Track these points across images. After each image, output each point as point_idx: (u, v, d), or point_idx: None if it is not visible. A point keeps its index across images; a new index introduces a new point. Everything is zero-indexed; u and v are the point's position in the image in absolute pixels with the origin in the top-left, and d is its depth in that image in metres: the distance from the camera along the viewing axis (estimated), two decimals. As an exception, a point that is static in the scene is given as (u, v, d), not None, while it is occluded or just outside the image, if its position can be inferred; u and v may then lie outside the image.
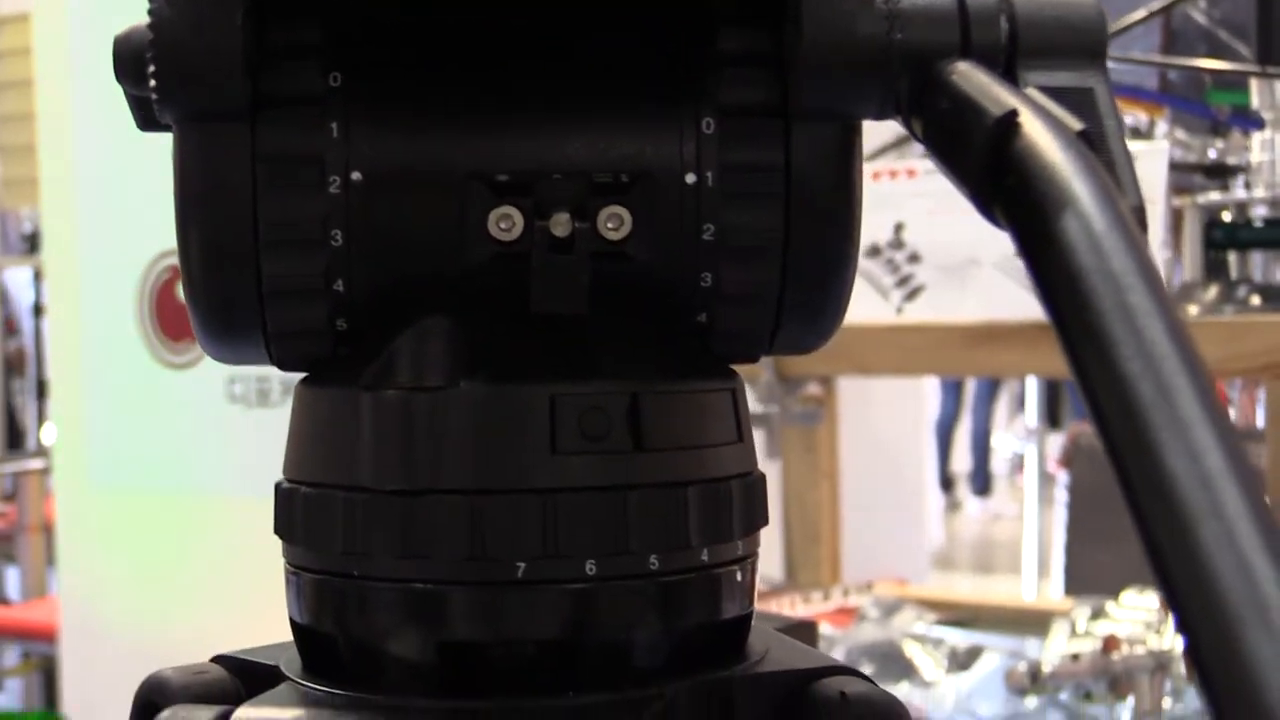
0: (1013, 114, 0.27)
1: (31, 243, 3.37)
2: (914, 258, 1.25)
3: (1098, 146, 0.28)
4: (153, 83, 0.31)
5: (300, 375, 0.35)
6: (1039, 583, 2.50)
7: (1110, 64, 0.34)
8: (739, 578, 0.33)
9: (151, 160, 1.86)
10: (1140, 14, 1.40)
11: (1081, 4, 0.33)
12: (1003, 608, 1.49)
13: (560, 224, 0.31)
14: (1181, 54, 2.11)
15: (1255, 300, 1.24)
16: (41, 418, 3.47)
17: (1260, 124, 1.81)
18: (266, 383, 2.15)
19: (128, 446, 2.03)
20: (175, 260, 0.32)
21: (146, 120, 0.36)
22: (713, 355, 0.34)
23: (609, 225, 0.31)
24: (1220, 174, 1.37)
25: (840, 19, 0.31)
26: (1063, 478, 2.32)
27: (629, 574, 0.31)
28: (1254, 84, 1.30)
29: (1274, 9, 1.25)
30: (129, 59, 0.34)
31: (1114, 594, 1.52)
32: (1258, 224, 1.29)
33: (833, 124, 0.32)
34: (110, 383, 2.04)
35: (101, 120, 1.88)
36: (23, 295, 3.49)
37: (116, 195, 1.89)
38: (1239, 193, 1.29)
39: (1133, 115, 1.87)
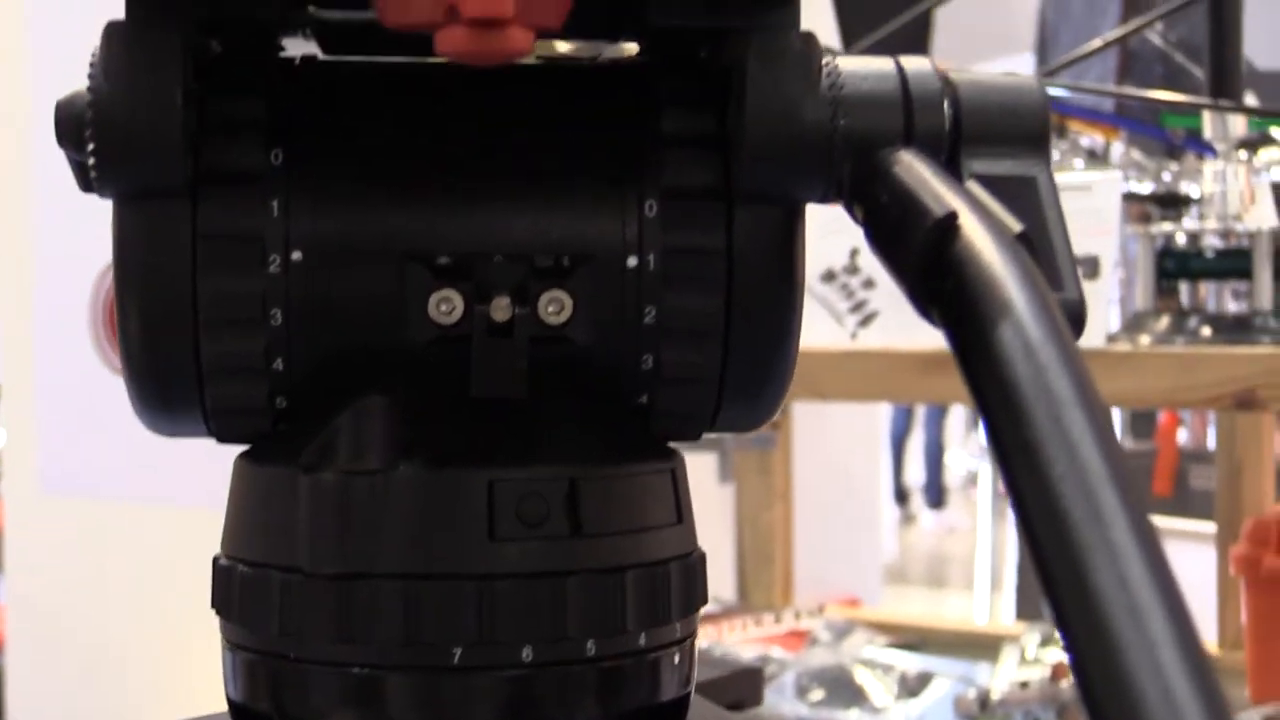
0: (952, 215, 0.27)
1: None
2: (869, 283, 1.25)
3: (1037, 248, 0.28)
4: (91, 160, 0.31)
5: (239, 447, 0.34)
6: (992, 597, 2.51)
7: (1066, 92, 0.34)
8: (676, 660, 0.33)
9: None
10: (1097, 43, 1.41)
11: (1025, 88, 0.33)
12: (953, 631, 1.50)
13: (500, 309, 0.31)
14: (1138, 75, 2.12)
15: (1206, 331, 1.24)
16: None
17: (1214, 150, 1.82)
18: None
19: (79, 453, 2.02)
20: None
21: (88, 184, 0.36)
22: (653, 435, 0.34)
23: (550, 310, 0.31)
24: (1173, 204, 1.38)
25: (784, 104, 0.31)
26: (1016, 497, 2.33)
27: (566, 660, 0.31)
28: (1206, 116, 1.31)
29: (1226, 43, 1.26)
30: (71, 124, 0.34)
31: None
32: (1209, 254, 1.30)
33: (775, 206, 0.32)
34: (62, 389, 2.03)
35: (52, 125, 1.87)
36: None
37: (70, 201, 1.87)
38: (1191, 223, 1.30)
39: (1089, 137, 1.88)
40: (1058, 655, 1.26)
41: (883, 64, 0.33)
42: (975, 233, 0.27)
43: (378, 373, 0.32)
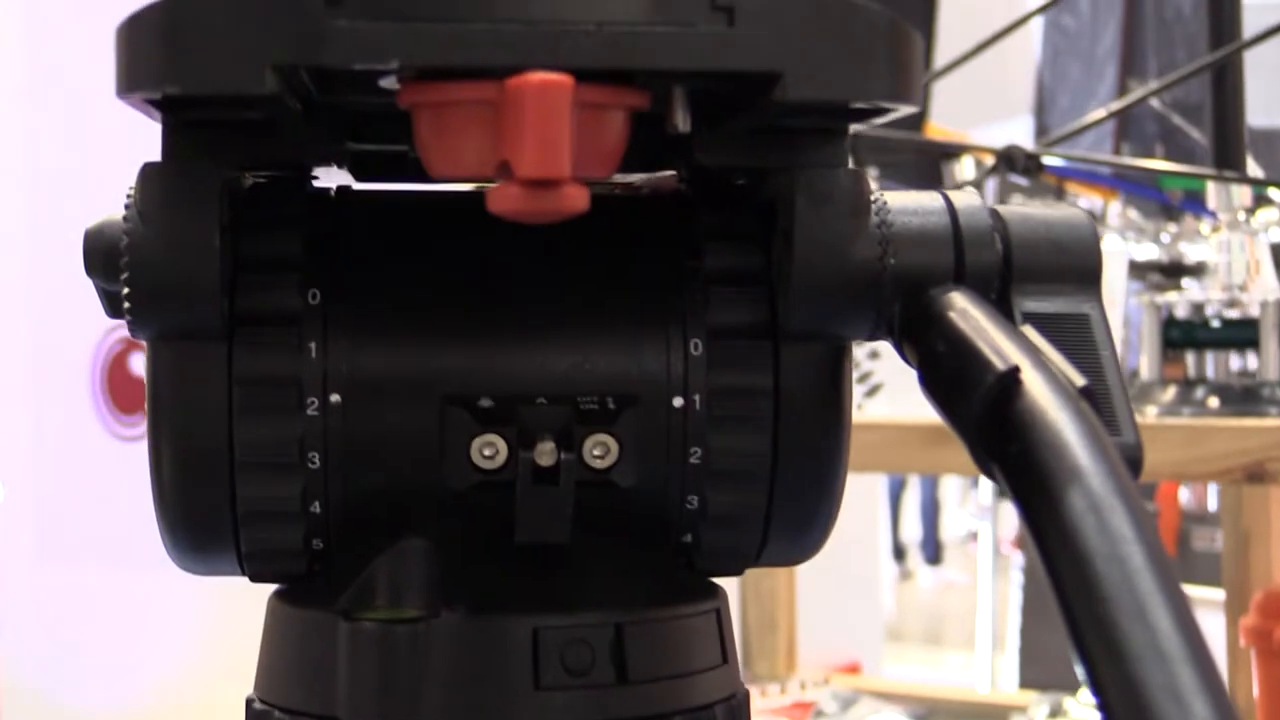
0: (1014, 371, 0.27)
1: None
2: (874, 354, 1.24)
3: (1100, 404, 0.28)
4: (127, 303, 0.30)
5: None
6: (993, 659, 2.49)
7: (1063, 162, 0.34)
8: None
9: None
10: (1101, 112, 1.41)
11: (1074, 222, 0.32)
12: (960, 701, 1.49)
13: (545, 454, 0.30)
14: (1134, 135, 2.12)
15: (1213, 402, 1.24)
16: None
17: (1212, 212, 1.82)
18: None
19: (77, 518, 2.01)
20: (128, 332, 0.31)
21: (115, 310, 0.35)
22: (696, 572, 0.33)
23: (595, 454, 0.31)
24: (1176, 272, 1.38)
25: (834, 241, 0.31)
26: (1017, 559, 2.32)
27: None
28: (1211, 186, 1.31)
29: (1229, 113, 1.26)
30: (100, 254, 0.34)
31: (1071, 686, 1.52)
32: (1214, 324, 1.30)
33: (822, 344, 0.32)
34: (59, 453, 2.01)
35: (55, 184, 1.87)
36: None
37: (69, 265, 1.87)
38: (1196, 292, 1.29)
39: (1087, 199, 1.88)
40: (1067, 728, 1.25)
41: (931, 199, 0.32)
42: (1038, 390, 0.26)
43: (416, 516, 0.31)
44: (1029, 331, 0.29)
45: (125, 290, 0.30)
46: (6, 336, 1.96)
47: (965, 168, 1.48)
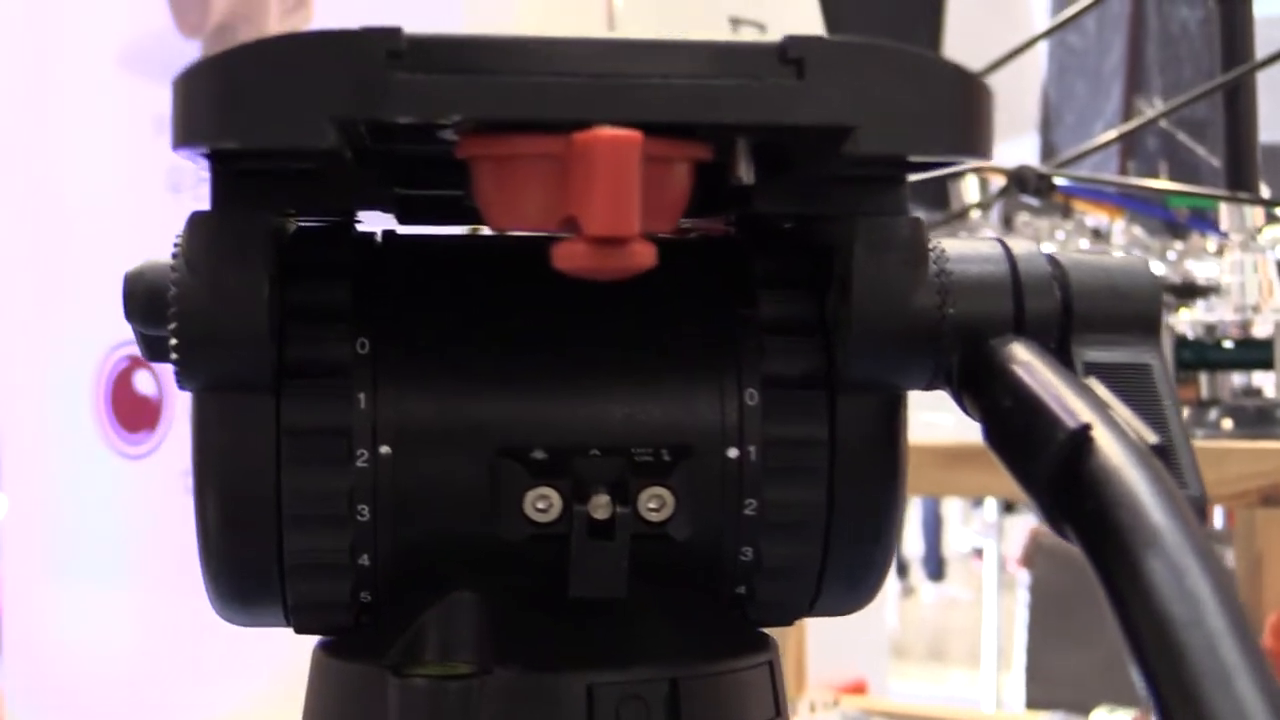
0: (1085, 429, 0.26)
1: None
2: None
3: (1171, 459, 0.27)
4: (175, 354, 0.30)
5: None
6: (999, 677, 2.48)
7: (1068, 181, 0.34)
8: None
9: (111, 247, 1.84)
10: (1113, 134, 1.41)
11: (1134, 269, 0.32)
12: (970, 722, 1.48)
13: (600, 507, 0.30)
14: (1140, 154, 2.12)
15: (1227, 423, 1.23)
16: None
17: (1220, 230, 1.81)
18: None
19: (80, 537, 2.00)
20: (132, 350, 0.31)
21: (153, 354, 0.35)
22: (749, 622, 0.33)
23: (650, 506, 0.30)
24: (1189, 294, 1.38)
25: (893, 291, 0.30)
26: (1023, 577, 2.31)
27: None
28: (1223, 206, 1.31)
29: (1242, 134, 1.26)
30: (140, 299, 0.33)
31: (1078, 702, 1.51)
32: (1228, 345, 1.29)
33: (879, 394, 0.31)
34: (63, 472, 2.01)
35: (60, 201, 1.86)
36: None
37: (74, 283, 1.87)
38: (1209, 313, 1.29)
39: (1094, 217, 1.87)
40: (1081, 751, 1.25)
41: (989, 247, 0.32)
42: (1111, 448, 0.26)
43: (466, 569, 0.31)
44: (1094, 384, 0.29)
45: (173, 341, 0.30)
46: (12, 353, 1.96)
47: (970, 188, 1.47)
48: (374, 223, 0.34)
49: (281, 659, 1.99)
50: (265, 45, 0.25)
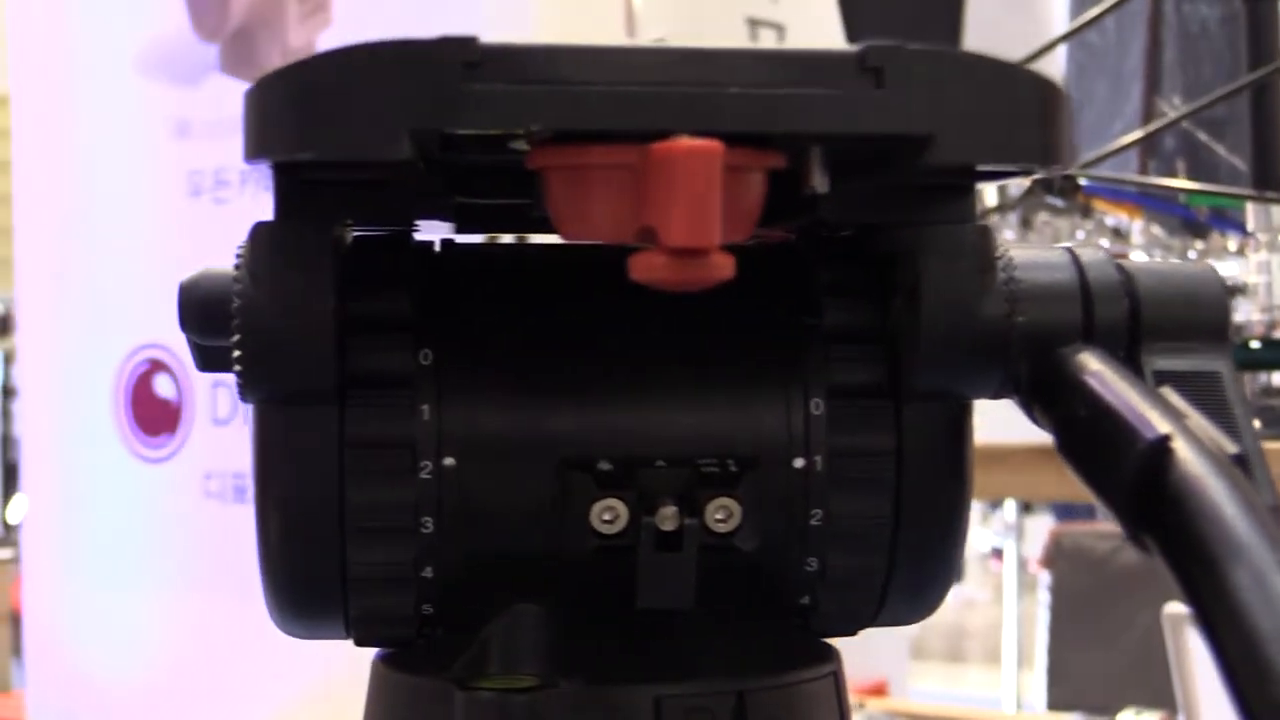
0: (1165, 439, 0.26)
1: (1, 325, 3.34)
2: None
3: (1250, 469, 0.27)
4: (238, 366, 0.29)
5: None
6: (1019, 676, 2.48)
7: (1088, 181, 0.33)
8: None
9: (131, 251, 1.84)
10: (1138, 134, 1.40)
11: (1202, 276, 0.32)
12: (997, 725, 1.48)
13: (668, 518, 0.29)
14: (1160, 153, 2.11)
15: (1255, 424, 1.23)
16: (7, 498, 3.43)
17: (1241, 228, 1.80)
18: (244, 480, 2.13)
19: (100, 540, 2.00)
20: (152, 354, 0.30)
21: (207, 364, 0.35)
22: (812, 633, 0.33)
23: (717, 517, 0.30)
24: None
25: (962, 299, 0.30)
26: (1044, 578, 2.30)
27: None
28: (1249, 206, 1.30)
29: (1270, 133, 1.25)
30: (195, 309, 0.33)
31: (1100, 702, 1.50)
32: (1254, 345, 1.29)
33: (944, 403, 0.31)
34: (83, 475, 2.01)
35: (80, 206, 1.87)
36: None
37: (94, 287, 1.87)
38: (1237, 314, 1.28)
39: (1113, 217, 1.87)
40: (1108, 754, 1.24)
41: (1057, 255, 0.31)
42: (1191, 459, 0.26)
43: (530, 581, 0.31)
44: (1168, 393, 0.29)
45: (237, 353, 0.29)
46: (33, 356, 1.96)
47: (989, 189, 1.47)
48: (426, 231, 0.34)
49: (305, 663, 1.99)
50: (340, 56, 0.25)
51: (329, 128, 0.25)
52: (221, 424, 2.17)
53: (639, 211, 0.25)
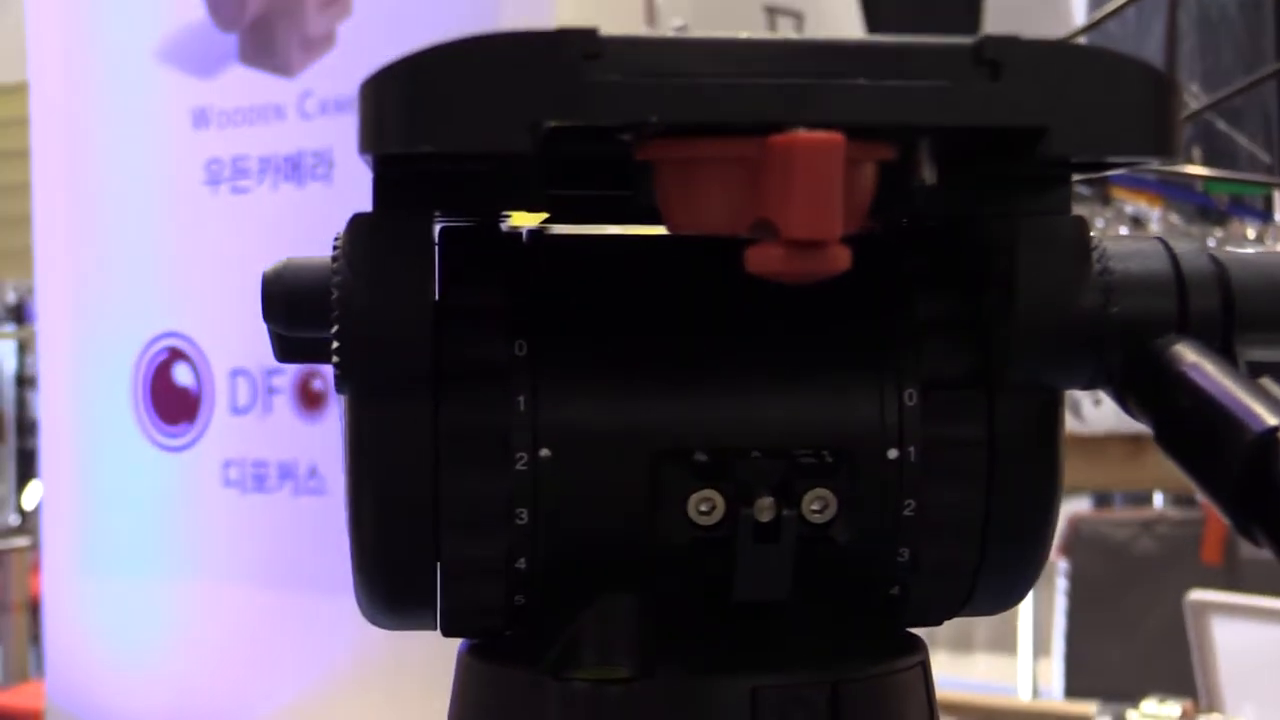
0: (1273, 432, 0.26)
1: (15, 314, 3.35)
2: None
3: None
4: (337, 356, 0.29)
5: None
6: (1035, 664, 2.48)
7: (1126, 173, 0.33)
8: None
9: (149, 240, 1.84)
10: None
11: None
12: (1019, 710, 1.48)
13: (765, 509, 0.29)
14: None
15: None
16: (21, 485, 3.44)
17: (1261, 215, 1.80)
18: (263, 469, 2.13)
19: (119, 529, 2.01)
20: (171, 342, 0.30)
21: (287, 354, 0.34)
22: (901, 625, 0.33)
23: (813, 508, 0.30)
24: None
25: (1057, 290, 0.30)
26: (1062, 566, 2.30)
27: None
28: (1277, 195, 1.30)
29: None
30: (279, 300, 0.33)
31: (1119, 691, 1.51)
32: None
33: (1038, 394, 0.31)
34: (102, 464, 2.02)
35: (97, 195, 1.87)
36: (5, 364, 3.47)
37: (113, 276, 1.87)
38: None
39: (1132, 204, 1.87)
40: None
41: (1151, 245, 0.31)
42: None
43: (623, 572, 0.31)
44: (1269, 384, 0.29)
45: (336, 344, 0.29)
46: (52, 345, 1.97)
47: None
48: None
49: (320, 646, 1.99)
50: (458, 48, 0.25)
51: (449, 121, 0.25)
52: (240, 413, 2.17)
53: (755, 203, 0.25)
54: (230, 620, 2.09)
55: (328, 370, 0.30)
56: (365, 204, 0.30)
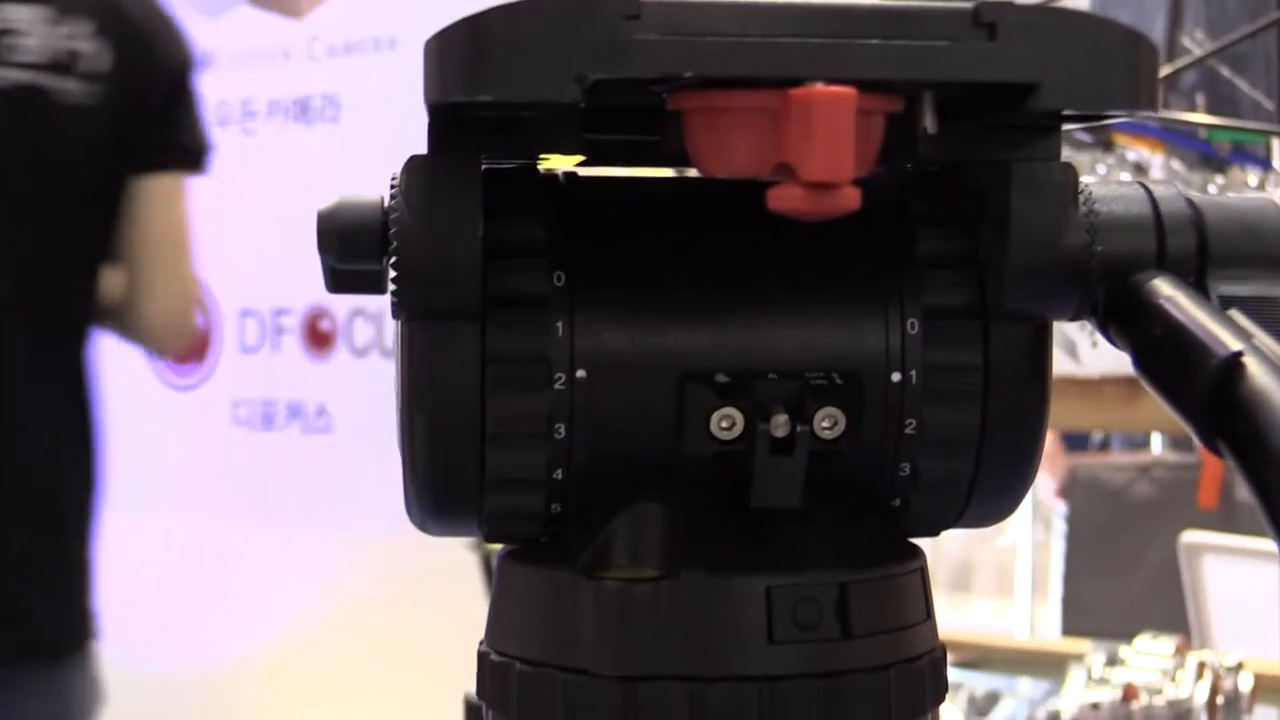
0: (1236, 356, 0.29)
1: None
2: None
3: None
4: (394, 285, 0.33)
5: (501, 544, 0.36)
6: (1033, 607, 2.52)
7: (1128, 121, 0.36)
8: None
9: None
10: (1168, 69, 1.42)
11: (1265, 209, 0.35)
12: (1016, 649, 1.51)
13: (780, 425, 0.33)
14: (1179, 87, 2.13)
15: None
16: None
17: (1262, 163, 1.82)
18: (272, 407, 2.16)
19: (130, 467, 2.04)
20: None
21: (339, 285, 0.37)
22: (901, 534, 0.36)
23: (824, 425, 0.33)
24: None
25: (1047, 230, 0.33)
26: (1060, 509, 2.34)
27: None
28: (1276, 143, 1.33)
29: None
30: (334, 235, 0.36)
31: (1114, 631, 1.54)
32: None
33: (1029, 324, 0.34)
34: (113, 403, 2.04)
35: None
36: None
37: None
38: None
39: (1135, 151, 1.88)
40: (1126, 675, 1.28)
41: (1132, 190, 0.34)
42: (1260, 374, 0.29)
43: (652, 482, 0.34)
44: (1236, 315, 0.32)
45: (393, 274, 0.32)
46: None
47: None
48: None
49: (326, 582, 2.03)
50: (514, 9, 0.28)
51: (505, 73, 0.28)
52: (250, 352, 2.20)
53: (777, 149, 0.28)
54: (237, 555, 2.13)
55: (336, 311, 0.33)
56: (372, 144, 0.33)
